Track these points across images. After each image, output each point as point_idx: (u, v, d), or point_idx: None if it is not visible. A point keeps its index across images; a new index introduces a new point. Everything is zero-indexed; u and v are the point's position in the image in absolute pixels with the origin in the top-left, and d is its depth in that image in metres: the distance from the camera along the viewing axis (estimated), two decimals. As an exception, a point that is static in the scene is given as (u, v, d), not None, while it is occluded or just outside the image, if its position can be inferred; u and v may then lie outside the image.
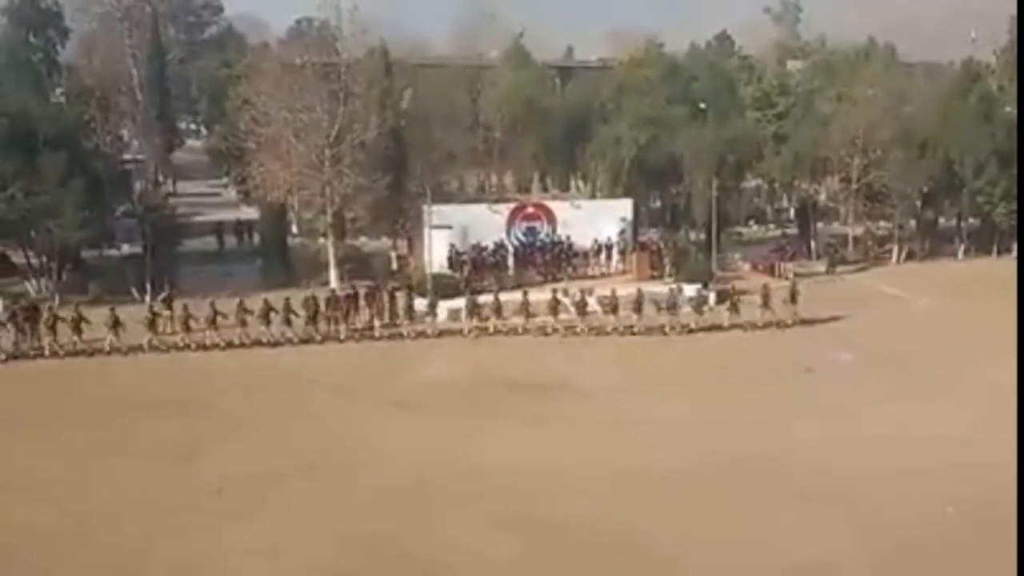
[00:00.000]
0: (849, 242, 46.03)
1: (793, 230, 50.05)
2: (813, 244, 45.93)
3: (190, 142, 70.02)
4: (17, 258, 37.57)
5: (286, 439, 23.07)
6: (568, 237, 39.18)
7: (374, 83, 42.70)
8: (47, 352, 29.32)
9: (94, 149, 42.23)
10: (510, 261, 38.20)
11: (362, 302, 32.82)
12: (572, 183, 57.58)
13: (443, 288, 34.43)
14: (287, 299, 31.28)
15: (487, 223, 38.61)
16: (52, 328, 29.54)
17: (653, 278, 37.10)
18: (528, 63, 61.07)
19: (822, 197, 51.40)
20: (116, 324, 29.68)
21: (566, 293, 33.52)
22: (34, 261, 37.21)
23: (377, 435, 23.44)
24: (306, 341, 31.06)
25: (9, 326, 29.86)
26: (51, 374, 28.18)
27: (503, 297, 32.99)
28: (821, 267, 42.95)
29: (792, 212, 52.87)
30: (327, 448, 22.48)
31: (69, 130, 38.52)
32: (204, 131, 70.50)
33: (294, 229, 45.82)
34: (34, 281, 36.70)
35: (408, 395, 26.29)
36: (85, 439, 23.03)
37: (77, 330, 29.57)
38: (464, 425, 23.95)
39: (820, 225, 48.09)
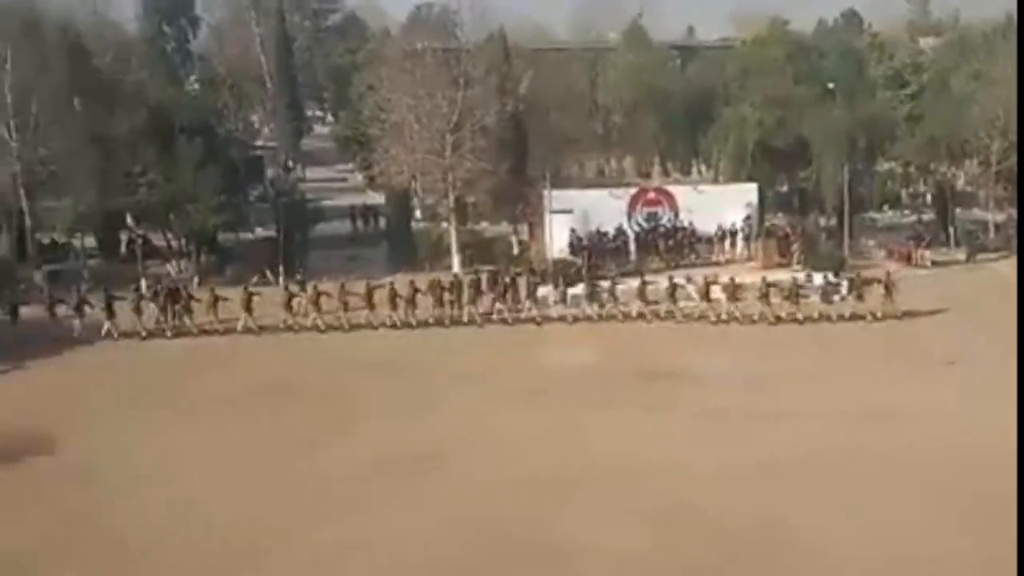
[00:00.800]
0: (990, 229, 43.89)
1: (930, 216, 47.98)
2: (951, 231, 43.94)
3: (318, 128, 71.84)
4: (158, 241, 39.34)
5: (413, 424, 23.44)
6: (690, 223, 38.64)
7: (493, 68, 42.88)
8: (185, 331, 30.68)
9: (228, 136, 43.86)
10: (631, 247, 37.92)
11: (484, 287, 33.17)
12: (694, 167, 56.66)
13: (564, 273, 34.44)
14: (411, 283, 31.84)
15: (608, 208, 38.40)
16: (189, 308, 30.93)
17: (780, 266, 36.25)
18: (648, 44, 60.26)
19: (960, 181, 49.13)
20: (250, 304, 30.74)
21: (689, 280, 33.08)
22: (174, 244, 38.98)
23: (503, 422, 23.51)
24: (431, 325, 31.60)
25: (151, 305, 31.32)
26: (188, 353, 29.41)
27: (624, 283, 32.80)
28: (960, 255, 41.05)
29: (928, 197, 50.64)
30: (453, 434, 22.68)
31: (204, 118, 40.15)
32: (331, 118, 72.26)
33: (417, 214, 46.57)
34: (174, 263, 38.40)
35: (534, 382, 26.33)
36: (216, 418, 23.92)
37: (214, 310, 30.84)
38: (591, 413, 23.83)
39: (958, 211, 45.95)
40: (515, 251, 40.85)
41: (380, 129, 41.16)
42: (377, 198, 46.76)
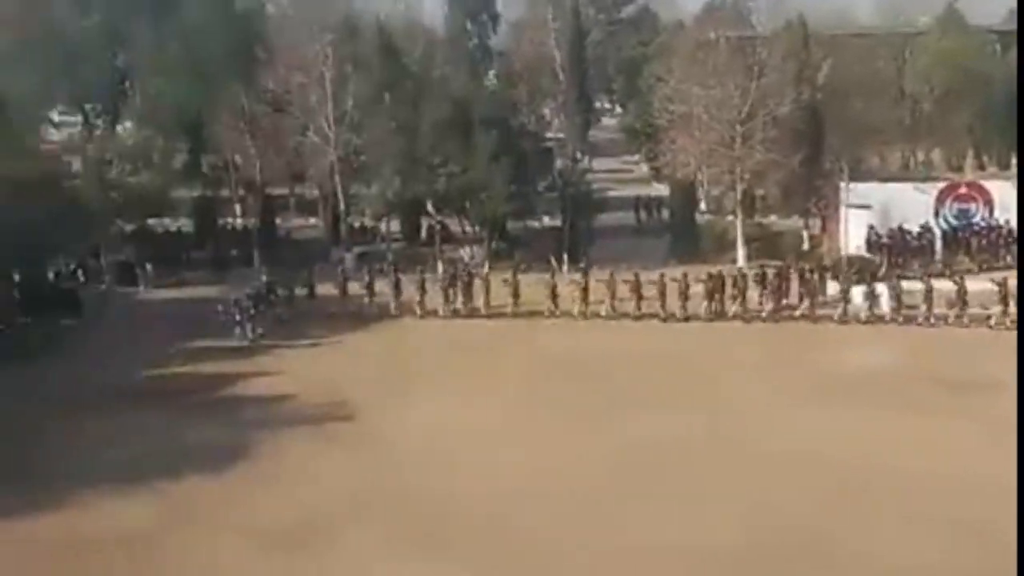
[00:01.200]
0: None
1: None
2: None
3: (605, 120, 72.77)
4: (454, 227, 41.62)
5: (691, 415, 23.22)
6: (1007, 221, 35.18)
7: (790, 56, 41.26)
8: (477, 312, 32.19)
9: (521, 128, 45.32)
10: (937, 246, 35.13)
11: (770, 282, 32.09)
12: (1013, 160, 51.34)
13: (858, 272, 32.55)
14: (709, 275, 31.56)
15: (911, 204, 35.90)
16: (487, 290, 32.39)
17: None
18: (964, 28, 55.36)
19: None
20: (554, 293, 31.79)
21: (1004, 283, 30.07)
22: (468, 230, 41.06)
23: (785, 421, 22.80)
24: (711, 319, 31.08)
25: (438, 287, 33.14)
26: (483, 333, 30.87)
27: (915, 285, 30.57)
28: None
29: None
30: (733, 428, 22.32)
31: (500, 111, 41.77)
32: (619, 109, 72.91)
33: (702, 206, 45.90)
34: (467, 248, 40.44)
35: (819, 381, 25.30)
36: (507, 396, 25.02)
37: (515, 294, 32.08)
38: (880, 418, 22.46)
39: None
40: (805, 247, 39.20)
41: (668, 120, 40.95)
42: (662, 189, 46.61)
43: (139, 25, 48.86)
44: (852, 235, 34.87)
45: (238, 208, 46.32)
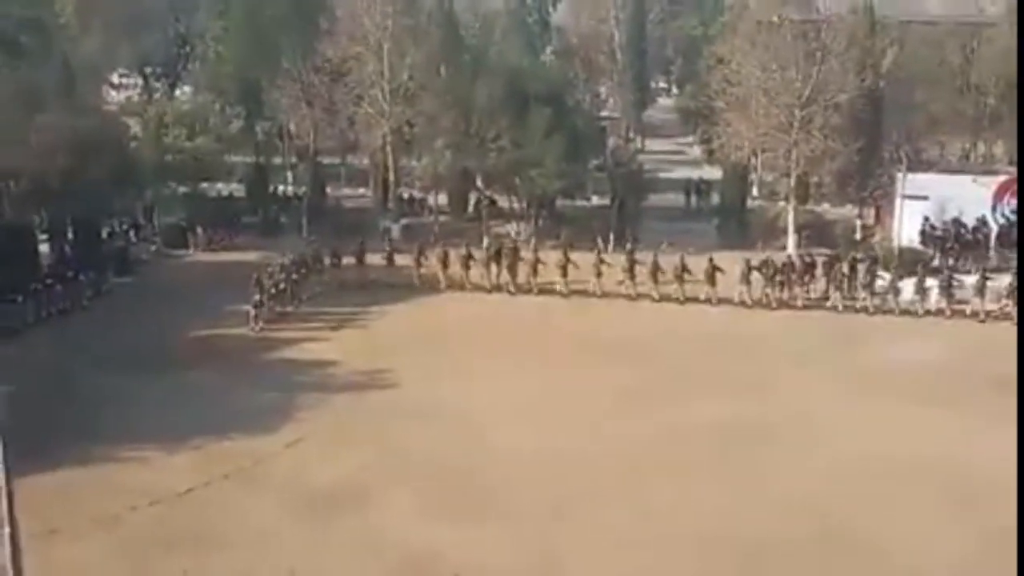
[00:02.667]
0: None
1: None
2: None
3: (661, 101, 71.98)
4: (503, 202, 41.60)
5: (739, 401, 23.16)
6: (1067, 219, 34.13)
7: (854, 42, 40.39)
8: (525, 288, 32.23)
9: (575, 106, 45.03)
10: (991, 241, 34.31)
11: (819, 270, 31.66)
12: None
13: (910, 264, 31.94)
14: (759, 261, 31.34)
15: (969, 197, 34.98)
16: (535, 268, 32.42)
17: None
18: (1036, 19, 53.58)
19: None
20: (600, 272, 31.78)
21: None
22: (516, 206, 40.98)
23: (833, 411, 22.73)
24: (759, 305, 30.77)
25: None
26: (530, 309, 30.98)
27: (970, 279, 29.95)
28: None
29: None
30: (781, 416, 22.27)
31: (555, 88, 41.48)
32: (675, 89, 72.07)
33: (754, 191, 45.30)
34: (515, 224, 40.38)
35: (868, 374, 25.04)
36: (548, 375, 25.08)
37: (564, 272, 32.01)
38: (931, 415, 22.19)
39: None
40: (857, 236, 38.52)
41: (725, 102, 40.40)
42: (713, 173, 46.05)
43: (201, -10, 49.39)
44: (906, 226, 34.15)
45: (290, 176, 46.74)
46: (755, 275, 30.91)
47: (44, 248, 34.13)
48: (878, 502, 18.34)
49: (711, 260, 31.26)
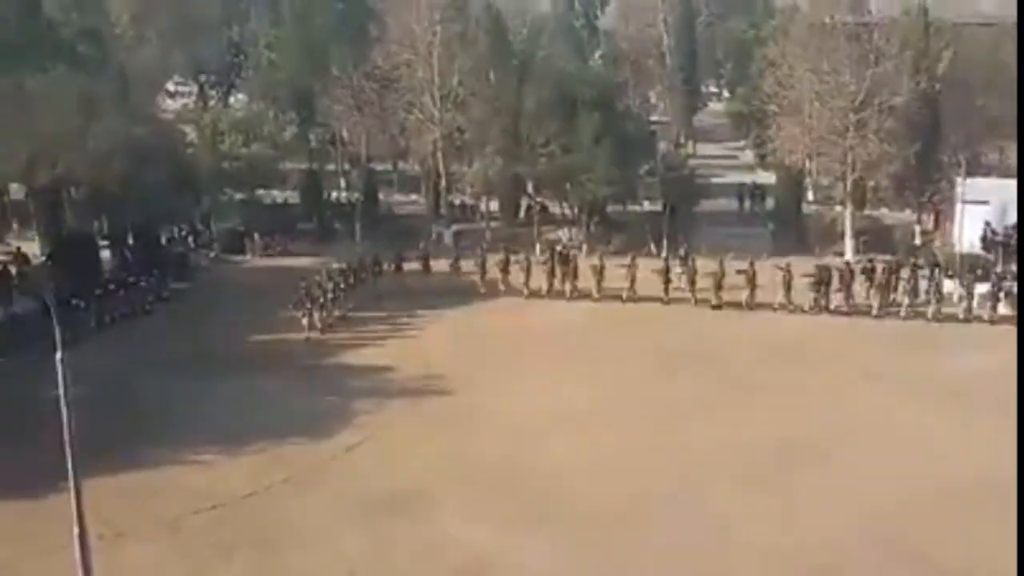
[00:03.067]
0: None
1: None
2: None
3: (712, 105, 71.44)
4: (554, 208, 41.55)
5: (804, 410, 22.90)
6: None
7: (908, 44, 39.75)
8: (583, 294, 32.11)
9: (625, 111, 44.89)
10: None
11: (878, 276, 31.14)
12: None
13: (972, 270, 31.31)
14: (786, 265, 30.94)
15: (1031, 201, 34.12)
16: (576, 273, 32.26)
17: None
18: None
19: None
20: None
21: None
22: (567, 212, 40.93)
23: (900, 421, 22.37)
24: (815, 311, 30.39)
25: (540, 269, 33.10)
26: (585, 315, 30.83)
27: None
28: None
29: None
30: (846, 428, 21.96)
31: (605, 93, 41.31)
32: (726, 94, 71.45)
33: (809, 196, 44.74)
34: (566, 230, 40.32)
35: (934, 382, 24.58)
36: (608, 382, 24.99)
37: (600, 276, 31.89)
38: (1002, 425, 21.64)
39: None
40: (916, 241, 37.87)
41: (778, 106, 39.96)
42: (767, 177, 45.57)
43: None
44: (967, 231, 33.52)
45: (343, 182, 47.19)
46: (807, 280, 30.46)
47: (105, 254, 34.79)
48: (952, 523, 17.80)
49: (786, 267, 30.83)
